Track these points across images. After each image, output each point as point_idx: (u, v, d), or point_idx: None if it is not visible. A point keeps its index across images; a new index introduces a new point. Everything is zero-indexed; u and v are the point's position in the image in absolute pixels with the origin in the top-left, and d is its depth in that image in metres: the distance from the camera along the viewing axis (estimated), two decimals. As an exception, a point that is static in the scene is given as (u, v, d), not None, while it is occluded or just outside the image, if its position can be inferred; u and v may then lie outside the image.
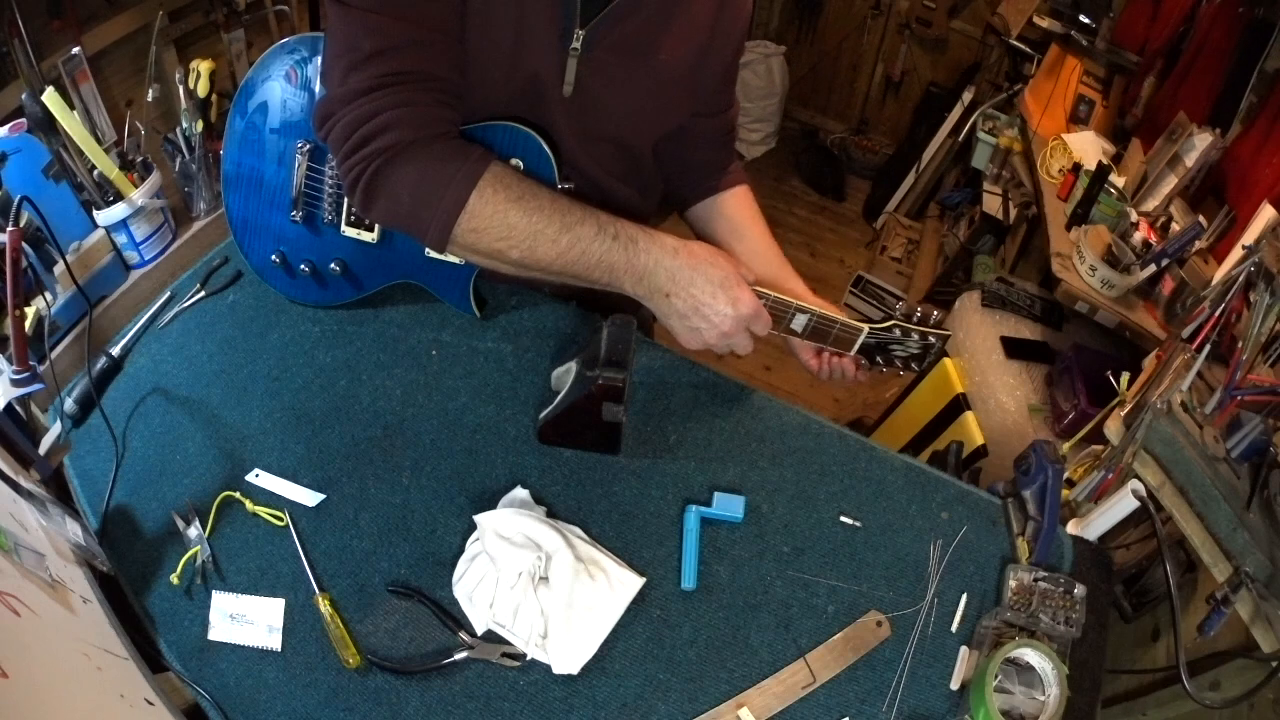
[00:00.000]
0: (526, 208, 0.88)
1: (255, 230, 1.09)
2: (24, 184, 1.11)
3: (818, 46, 3.70)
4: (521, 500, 0.99)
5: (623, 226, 0.91)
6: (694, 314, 0.93)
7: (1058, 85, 2.56)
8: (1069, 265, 1.96)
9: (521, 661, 0.88)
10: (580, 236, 0.89)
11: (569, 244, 0.89)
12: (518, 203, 0.87)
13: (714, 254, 0.94)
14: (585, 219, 0.90)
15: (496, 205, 0.87)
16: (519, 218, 0.87)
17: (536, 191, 0.89)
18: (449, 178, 0.86)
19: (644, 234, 0.92)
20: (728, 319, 0.93)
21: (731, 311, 0.93)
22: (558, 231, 0.88)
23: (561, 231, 0.88)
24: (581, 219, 0.90)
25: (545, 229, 0.88)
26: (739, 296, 0.93)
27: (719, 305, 0.92)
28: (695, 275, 0.92)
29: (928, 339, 1.06)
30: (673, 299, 0.93)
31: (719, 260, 0.93)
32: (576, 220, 0.89)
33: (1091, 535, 1.05)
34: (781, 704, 0.89)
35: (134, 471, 0.99)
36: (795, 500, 1.05)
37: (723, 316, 0.93)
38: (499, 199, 0.87)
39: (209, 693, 0.84)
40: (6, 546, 0.72)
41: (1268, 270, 1.06)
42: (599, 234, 0.90)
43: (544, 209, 0.88)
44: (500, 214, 0.87)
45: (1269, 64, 1.90)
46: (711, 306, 0.92)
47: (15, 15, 1.13)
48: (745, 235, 1.19)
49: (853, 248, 3.49)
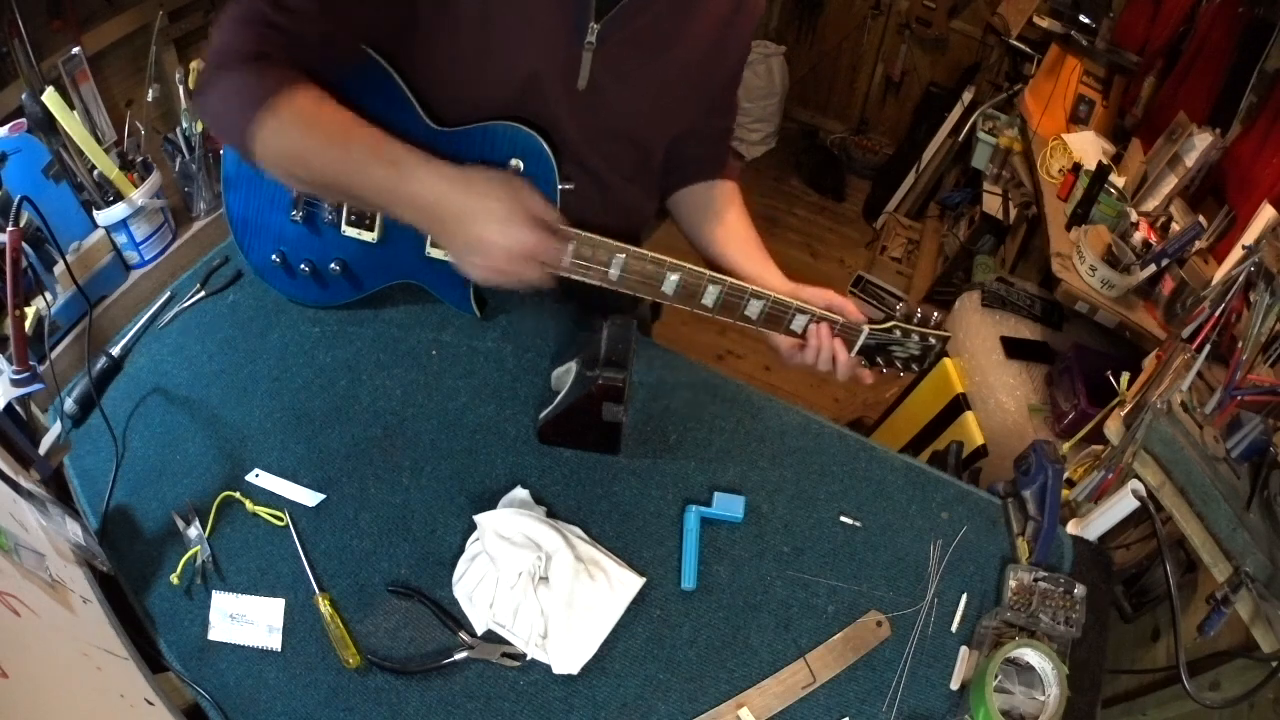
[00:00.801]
0: (317, 128, 0.86)
1: (255, 230, 1.09)
2: (24, 184, 1.10)
3: (818, 46, 3.70)
4: (521, 500, 0.99)
5: (405, 154, 0.87)
6: (469, 249, 0.89)
7: (1058, 85, 2.56)
8: (1069, 265, 1.96)
9: (521, 661, 0.88)
10: (361, 161, 0.86)
11: (352, 168, 0.86)
12: (310, 123, 0.86)
13: (494, 186, 0.88)
14: (371, 143, 0.86)
15: (290, 122, 0.85)
16: (307, 138, 0.86)
17: (334, 115, 0.87)
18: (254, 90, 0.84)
19: (425, 164, 0.87)
20: (502, 254, 0.87)
21: (505, 245, 0.87)
22: (340, 153, 0.86)
23: (344, 154, 0.86)
24: (366, 143, 0.86)
25: (328, 149, 0.86)
26: (513, 232, 0.87)
27: (494, 239, 0.87)
28: (470, 207, 0.87)
29: (928, 340, 1.06)
30: (449, 231, 0.89)
31: (498, 192, 0.88)
32: (360, 143, 0.86)
33: (1091, 535, 1.05)
34: (781, 704, 0.89)
35: (134, 471, 0.99)
36: (795, 500, 1.05)
37: (498, 251, 0.87)
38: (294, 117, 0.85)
39: (209, 693, 0.84)
40: (6, 546, 0.72)
41: (1268, 270, 1.06)
42: (378, 159, 0.86)
43: (333, 131, 0.86)
44: (292, 131, 0.85)
45: (1269, 64, 1.90)
46: (485, 241, 0.87)
47: (15, 15, 1.13)
48: (723, 219, 1.16)
49: (853, 248, 3.49)
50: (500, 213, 0.87)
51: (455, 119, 1.00)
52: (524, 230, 0.87)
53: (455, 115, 1.00)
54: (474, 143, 1.00)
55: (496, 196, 0.87)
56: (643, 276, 1.00)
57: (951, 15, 3.31)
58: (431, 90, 1.00)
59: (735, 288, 0.99)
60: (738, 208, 1.18)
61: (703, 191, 1.19)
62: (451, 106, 1.00)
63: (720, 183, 1.20)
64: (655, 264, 1.00)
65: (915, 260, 3.27)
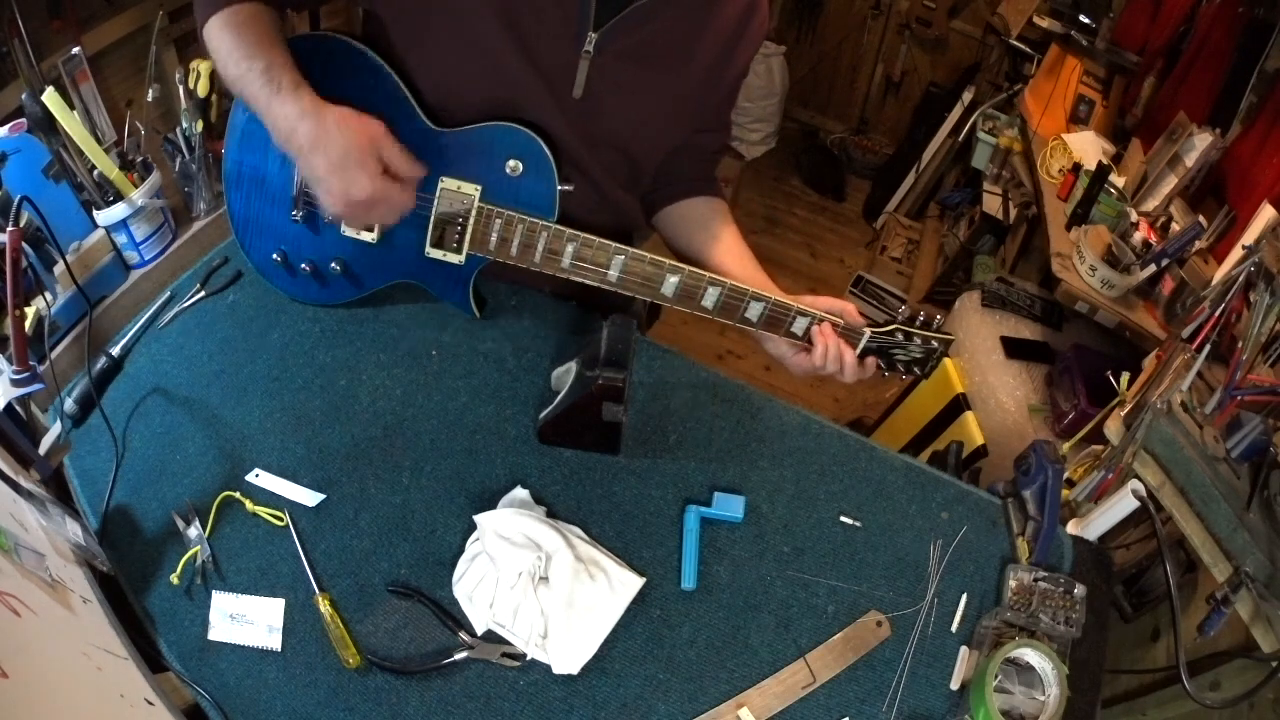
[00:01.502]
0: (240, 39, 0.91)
1: (257, 229, 1.09)
2: (24, 184, 1.10)
3: (818, 46, 3.69)
4: (521, 500, 0.99)
5: (288, 77, 0.90)
6: (314, 182, 0.91)
7: (1058, 85, 2.56)
8: (1069, 265, 1.96)
9: (521, 661, 0.88)
10: (253, 74, 0.90)
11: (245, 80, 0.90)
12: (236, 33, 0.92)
13: (342, 128, 0.88)
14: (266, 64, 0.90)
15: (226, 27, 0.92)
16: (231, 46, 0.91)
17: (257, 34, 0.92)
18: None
19: (294, 92, 0.89)
20: (338, 193, 0.89)
21: (340, 186, 0.88)
22: (245, 67, 0.90)
23: (246, 68, 0.90)
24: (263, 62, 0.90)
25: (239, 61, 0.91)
26: (353, 179, 0.88)
27: (333, 181, 0.88)
28: (319, 142, 0.87)
29: (930, 344, 1.05)
30: (301, 161, 0.90)
31: (342, 134, 0.88)
32: (260, 61, 0.90)
33: (1091, 535, 1.05)
34: (781, 704, 0.89)
35: (134, 471, 0.98)
36: (795, 500, 1.05)
37: (335, 190, 0.89)
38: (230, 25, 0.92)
39: (209, 693, 0.84)
40: (6, 546, 0.72)
41: (1268, 270, 1.06)
42: (265, 78, 0.89)
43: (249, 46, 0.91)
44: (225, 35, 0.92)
45: (1269, 64, 1.90)
46: (327, 181, 0.88)
47: (15, 15, 1.13)
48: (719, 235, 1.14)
49: (853, 248, 3.49)
50: (336, 154, 0.87)
51: (454, 119, 1.00)
52: (360, 174, 0.88)
53: (454, 116, 1.00)
54: (473, 143, 1.00)
55: (340, 137, 0.88)
56: (642, 278, 1.00)
57: (951, 15, 3.31)
58: (430, 91, 1.00)
59: (735, 290, 0.99)
60: (732, 224, 1.16)
61: (695, 207, 1.18)
62: (450, 107, 1.00)
63: (711, 199, 1.19)
64: (655, 266, 1.00)
65: (915, 260, 3.27)
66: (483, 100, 0.98)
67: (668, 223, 1.20)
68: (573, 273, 1.02)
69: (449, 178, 1.00)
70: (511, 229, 1.01)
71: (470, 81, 0.98)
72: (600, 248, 1.00)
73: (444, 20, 0.94)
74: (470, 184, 1.00)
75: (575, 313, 1.21)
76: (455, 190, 1.01)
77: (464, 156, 1.01)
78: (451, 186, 1.01)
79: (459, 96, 0.99)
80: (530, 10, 0.92)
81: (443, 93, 1.00)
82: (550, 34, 0.94)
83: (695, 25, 0.99)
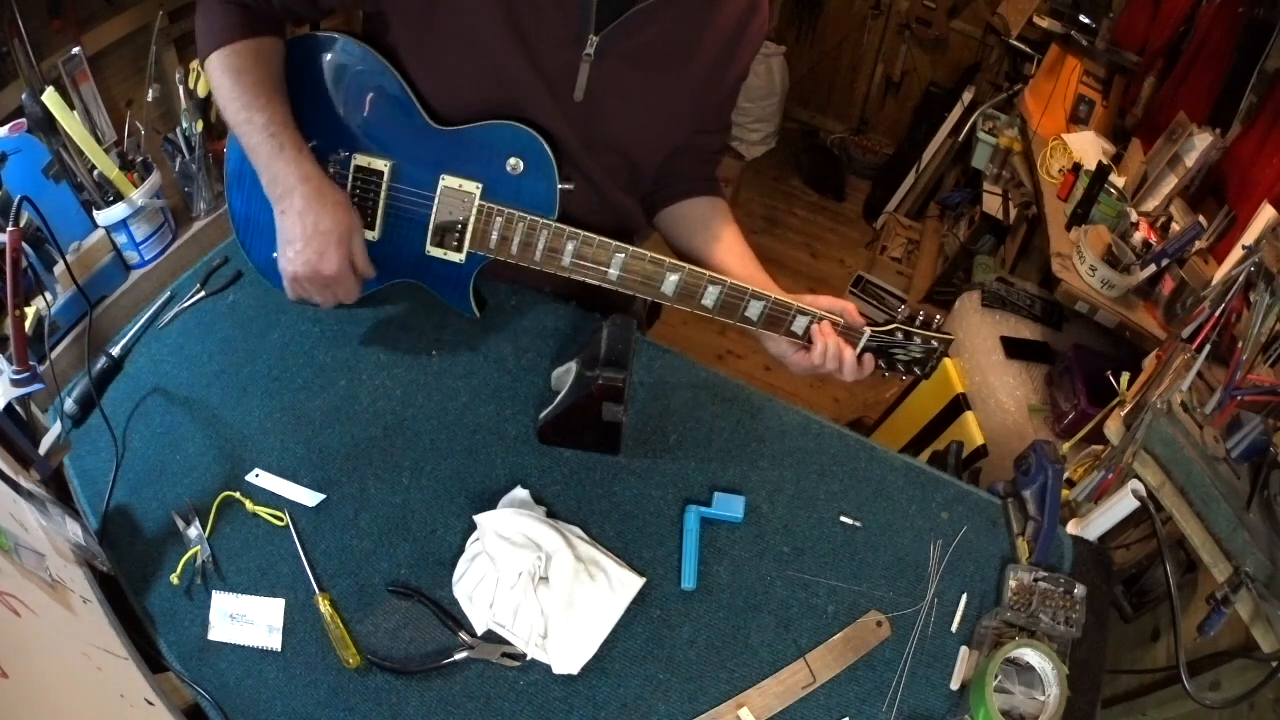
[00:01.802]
0: (239, 85, 0.95)
1: (258, 229, 1.09)
2: (24, 184, 1.10)
3: (818, 46, 3.69)
4: (521, 500, 0.99)
5: (290, 138, 0.95)
6: (290, 242, 0.96)
7: (1058, 85, 2.56)
8: (1069, 265, 1.96)
9: (521, 661, 0.88)
10: (254, 127, 0.94)
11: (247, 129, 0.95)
12: (235, 77, 0.95)
13: (338, 207, 0.96)
14: (269, 117, 0.94)
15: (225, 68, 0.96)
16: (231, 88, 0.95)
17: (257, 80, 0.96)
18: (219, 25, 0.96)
19: (298, 154, 0.95)
20: (306, 264, 0.95)
21: (314, 258, 0.95)
22: (243, 110, 0.94)
23: (244, 111, 0.94)
24: (265, 115, 0.94)
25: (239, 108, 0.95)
26: (326, 253, 0.95)
27: (309, 248, 0.95)
28: (311, 209, 0.94)
29: (930, 344, 1.05)
30: (286, 218, 0.96)
31: (336, 214, 0.95)
32: (260, 112, 0.94)
33: (1091, 535, 1.05)
34: (781, 704, 0.89)
35: (134, 471, 0.99)
36: (795, 500, 1.05)
37: (305, 259, 0.95)
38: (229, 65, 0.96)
39: (209, 693, 0.84)
40: (6, 546, 0.72)
41: (1268, 270, 1.06)
42: (266, 133, 0.94)
43: (249, 93, 0.95)
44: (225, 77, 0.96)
45: (1269, 64, 1.90)
46: (303, 246, 0.95)
47: (15, 15, 1.13)
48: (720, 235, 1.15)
49: (853, 248, 3.49)
50: (324, 226, 0.94)
51: (455, 119, 1.00)
52: (335, 253, 0.95)
53: (455, 116, 1.00)
54: (474, 141, 1.00)
55: (331, 215, 0.95)
56: (643, 277, 1.00)
57: (951, 15, 3.31)
58: (431, 91, 1.00)
59: (735, 288, 0.99)
60: (733, 224, 1.16)
61: (695, 207, 1.18)
62: (451, 107, 1.00)
63: (712, 198, 1.19)
64: (655, 264, 1.00)
65: (915, 260, 3.27)
66: (483, 101, 0.98)
67: (668, 223, 1.20)
68: (573, 271, 1.02)
69: (450, 175, 1.00)
70: (512, 227, 1.01)
71: (471, 83, 0.98)
72: (601, 246, 1.00)
73: (446, 22, 0.94)
74: (471, 182, 1.00)
75: (575, 313, 1.21)
76: (456, 188, 1.01)
77: (464, 155, 1.01)
78: (452, 184, 1.01)
79: (460, 97, 0.99)
80: (531, 12, 0.92)
81: (444, 93, 1.00)
82: (551, 36, 0.94)
83: (696, 27, 0.99)
